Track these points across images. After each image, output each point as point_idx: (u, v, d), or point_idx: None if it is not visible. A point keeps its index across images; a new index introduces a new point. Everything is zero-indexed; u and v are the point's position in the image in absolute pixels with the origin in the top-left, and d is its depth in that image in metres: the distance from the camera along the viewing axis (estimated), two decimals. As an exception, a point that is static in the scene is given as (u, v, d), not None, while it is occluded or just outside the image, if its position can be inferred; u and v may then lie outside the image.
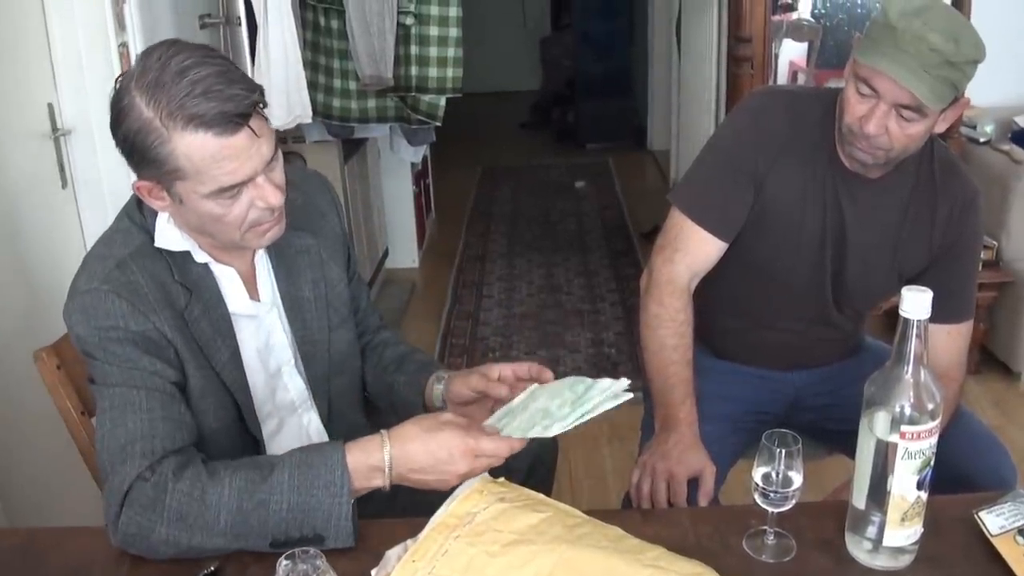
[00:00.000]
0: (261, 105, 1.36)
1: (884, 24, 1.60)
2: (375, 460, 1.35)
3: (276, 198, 1.39)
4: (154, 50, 1.32)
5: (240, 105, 1.30)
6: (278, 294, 1.60)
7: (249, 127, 1.32)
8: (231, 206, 1.37)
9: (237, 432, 1.53)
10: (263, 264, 1.58)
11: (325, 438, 1.67)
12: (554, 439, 1.93)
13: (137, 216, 1.46)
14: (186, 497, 1.31)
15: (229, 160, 1.32)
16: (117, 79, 1.34)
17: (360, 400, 1.80)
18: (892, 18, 1.58)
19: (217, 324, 1.48)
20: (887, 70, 1.60)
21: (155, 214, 1.45)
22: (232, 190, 1.35)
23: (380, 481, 1.37)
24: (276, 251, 1.58)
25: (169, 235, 1.45)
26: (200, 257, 1.47)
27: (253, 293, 1.56)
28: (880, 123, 1.65)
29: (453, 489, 1.32)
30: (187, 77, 1.28)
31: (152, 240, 1.44)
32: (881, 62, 1.60)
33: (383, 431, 1.38)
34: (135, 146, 1.32)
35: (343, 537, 1.32)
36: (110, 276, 1.38)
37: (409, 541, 1.27)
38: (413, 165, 5.10)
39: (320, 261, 1.65)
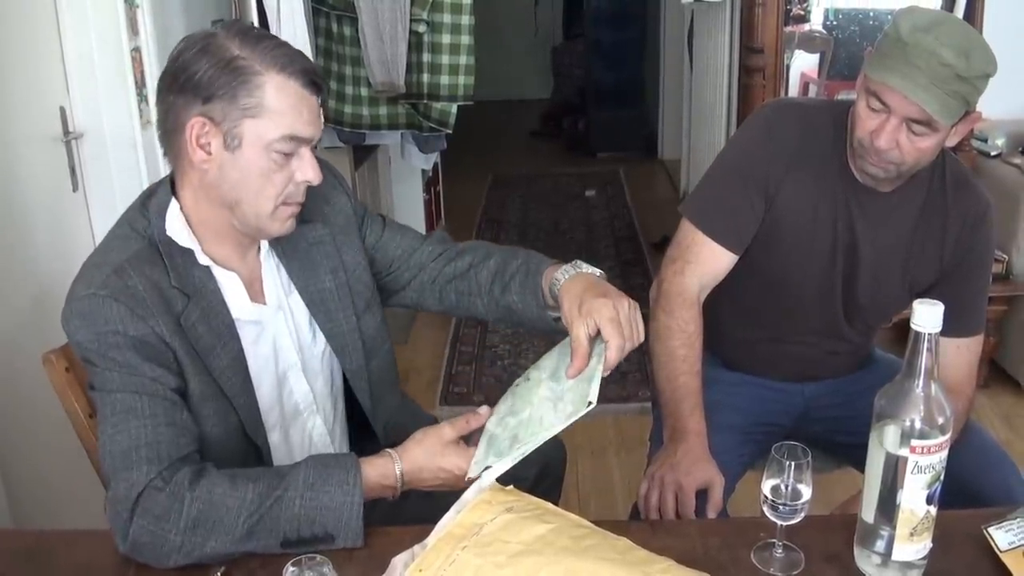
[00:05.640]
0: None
1: (895, 39, 1.60)
2: (389, 481, 1.42)
3: (315, 174, 1.45)
4: (214, 27, 1.45)
5: (318, 74, 1.42)
6: (284, 295, 1.59)
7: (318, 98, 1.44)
8: (282, 166, 1.42)
9: (238, 438, 1.51)
10: (269, 265, 1.57)
11: (328, 443, 1.68)
12: (563, 447, 1.94)
13: (139, 221, 1.45)
14: (205, 503, 1.31)
15: (307, 112, 1.41)
16: (187, 38, 1.43)
17: (396, 380, 1.80)
18: (903, 33, 1.58)
19: (217, 330, 1.46)
20: (897, 85, 1.59)
21: (164, 210, 1.44)
22: (295, 143, 1.41)
23: (391, 493, 1.43)
24: (289, 248, 1.58)
25: (178, 227, 1.45)
26: (203, 260, 1.46)
27: (259, 296, 1.55)
28: (891, 137, 1.65)
29: (460, 493, 1.33)
30: (270, 39, 1.39)
31: (150, 245, 1.43)
32: (892, 77, 1.60)
33: (391, 452, 1.43)
34: (214, 79, 1.37)
35: (352, 536, 1.34)
36: (107, 282, 1.37)
37: (416, 547, 1.27)
38: (424, 172, 5.10)
39: (336, 249, 1.64)
